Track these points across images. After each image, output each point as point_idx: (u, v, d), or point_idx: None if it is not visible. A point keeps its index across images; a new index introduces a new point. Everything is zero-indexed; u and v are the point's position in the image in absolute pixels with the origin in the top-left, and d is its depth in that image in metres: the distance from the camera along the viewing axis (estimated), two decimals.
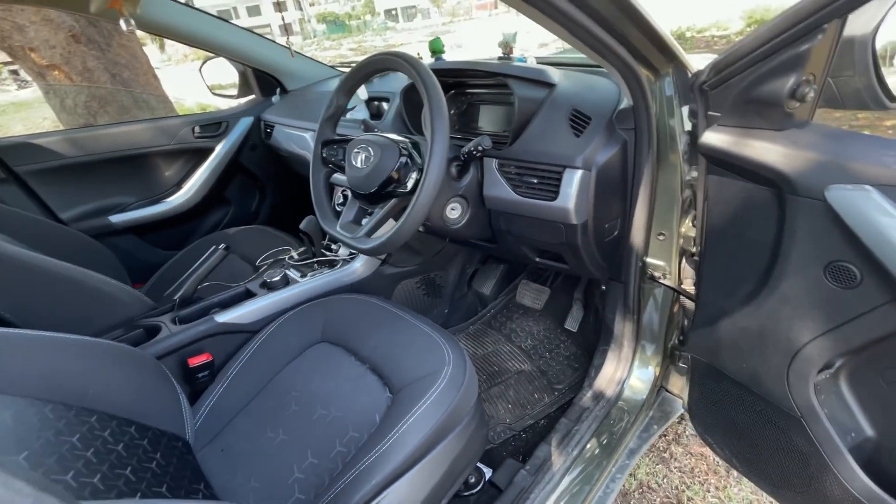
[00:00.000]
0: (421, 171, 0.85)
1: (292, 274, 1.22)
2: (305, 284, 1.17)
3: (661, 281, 1.03)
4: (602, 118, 0.93)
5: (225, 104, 1.99)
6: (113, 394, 0.73)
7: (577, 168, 0.91)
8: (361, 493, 0.72)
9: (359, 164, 0.92)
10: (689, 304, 1.01)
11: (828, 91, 0.66)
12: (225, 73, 1.85)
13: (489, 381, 1.44)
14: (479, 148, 0.92)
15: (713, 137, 0.72)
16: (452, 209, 1.02)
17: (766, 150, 0.65)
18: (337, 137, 1.06)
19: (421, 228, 1.12)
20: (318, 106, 1.56)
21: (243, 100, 1.94)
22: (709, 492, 1.23)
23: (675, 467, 1.30)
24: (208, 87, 1.87)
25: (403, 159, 0.89)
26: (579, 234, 0.97)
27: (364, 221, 1.00)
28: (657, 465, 1.31)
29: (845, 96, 0.69)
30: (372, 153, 0.90)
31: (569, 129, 0.94)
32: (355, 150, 0.94)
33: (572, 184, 0.91)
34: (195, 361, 0.98)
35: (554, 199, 0.94)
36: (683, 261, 1.01)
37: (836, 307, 0.63)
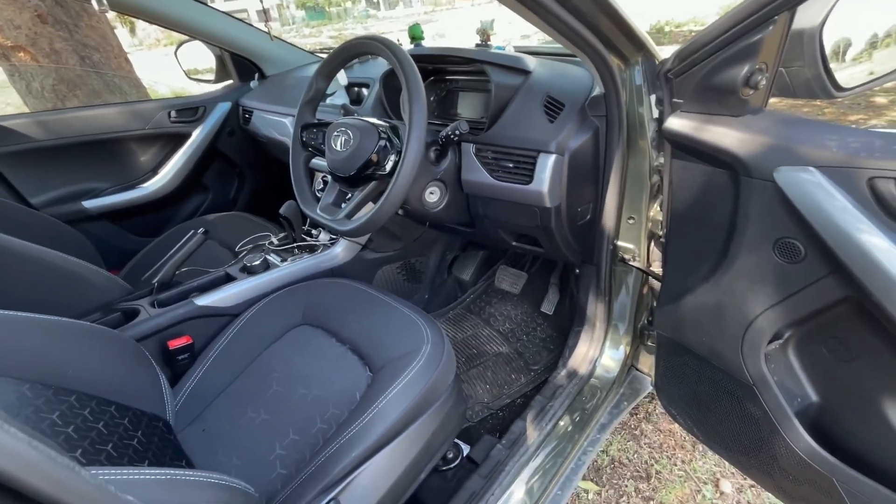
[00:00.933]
0: (399, 153, 0.87)
1: (273, 259, 1.22)
2: (286, 269, 1.18)
3: (631, 263, 1.08)
4: (575, 105, 0.96)
5: (201, 89, 1.95)
6: (92, 374, 0.73)
7: (551, 153, 0.94)
8: (341, 465, 0.74)
9: (338, 147, 0.93)
10: (658, 286, 1.06)
11: (781, 80, 0.70)
12: (202, 57, 1.81)
13: (468, 363, 1.48)
14: (457, 132, 0.94)
15: (676, 123, 0.75)
16: (431, 193, 1.04)
17: (724, 135, 0.69)
18: (317, 121, 1.06)
19: (400, 212, 1.13)
20: (298, 91, 1.55)
21: (220, 85, 1.91)
22: (675, 465, 1.30)
23: (645, 443, 1.36)
24: (184, 71, 1.83)
25: (382, 142, 0.91)
26: (553, 218, 1.00)
27: (343, 204, 1.01)
28: (628, 441, 1.37)
29: (797, 86, 0.73)
30: (351, 136, 0.91)
31: (543, 115, 0.97)
32: (335, 134, 0.95)
33: (546, 168, 0.94)
34: (175, 344, 0.98)
35: (529, 182, 0.97)
36: (652, 243, 1.05)
37: (784, 281, 0.68)
